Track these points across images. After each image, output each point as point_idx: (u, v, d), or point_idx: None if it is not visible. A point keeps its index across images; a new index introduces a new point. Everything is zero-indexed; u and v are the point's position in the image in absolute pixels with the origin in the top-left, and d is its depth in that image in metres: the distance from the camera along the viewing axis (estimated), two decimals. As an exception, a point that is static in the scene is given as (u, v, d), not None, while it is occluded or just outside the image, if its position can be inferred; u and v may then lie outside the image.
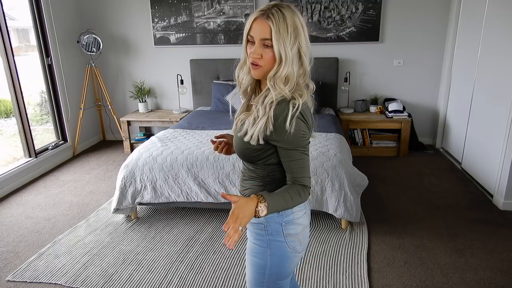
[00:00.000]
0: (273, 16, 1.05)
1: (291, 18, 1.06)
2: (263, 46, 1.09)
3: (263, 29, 1.07)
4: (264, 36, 1.07)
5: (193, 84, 4.59)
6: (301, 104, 1.09)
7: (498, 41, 3.08)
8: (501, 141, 2.95)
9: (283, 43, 1.06)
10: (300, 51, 1.10)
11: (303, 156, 1.13)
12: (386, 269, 2.30)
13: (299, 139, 1.11)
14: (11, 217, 3.06)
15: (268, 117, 1.09)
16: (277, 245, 1.21)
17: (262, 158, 1.18)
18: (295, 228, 1.22)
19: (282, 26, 1.05)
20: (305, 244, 1.28)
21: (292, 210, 1.21)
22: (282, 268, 1.23)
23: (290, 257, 1.23)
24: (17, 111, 3.72)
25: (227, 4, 4.34)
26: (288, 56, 1.07)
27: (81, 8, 4.60)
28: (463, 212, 2.95)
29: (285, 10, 1.06)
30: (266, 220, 1.20)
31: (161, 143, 3.04)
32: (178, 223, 2.90)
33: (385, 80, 4.41)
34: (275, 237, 1.21)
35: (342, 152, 2.80)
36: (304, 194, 1.14)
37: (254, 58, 1.10)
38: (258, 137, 1.11)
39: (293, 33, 1.06)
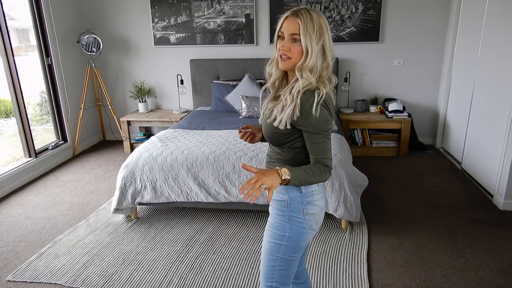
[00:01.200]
0: (301, 15, 1.23)
1: (317, 19, 1.24)
2: (291, 40, 1.25)
3: (292, 26, 1.24)
4: (293, 31, 1.24)
5: (193, 84, 4.59)
6: (324, 94, 1.25)
7: (498, 41, 3.08)
8: (501, 141, 2.95)
9: (310, 38, 1.22)
10: (324, 47, 1.26)
11: (325, 139, 1.28)
12: (386, 269, 2.30)
13: (322, 124, 1.25)
14: (11, 217, 3.06)
15: (295, 104, 1.25)
16: (296, 222, 1.34)
17: (288, 142, 1.33)
18: (314, 209, 1.36)
19: (309, 24, 1.22)
20: (319, 224, 1.41)
21: (313, 193, 1.35)
22: (297, 242, 1.35)
23: (306, 233, 1.36)
24: (17, 111, 3.72)
25: (227, 4, 4.34)
26: (314, 49, 1.23)
27: (81, 8, 4.60)
28: (463, 212, 2.95)
29: (312, 12, 1.25)
30: (289, 198, 1.34)
31: (161, 143, 3.04)
32: (178, 223, 2.90)
33: (385, 80, 4.41)
34: (296, 214, 1.34)
35: (342, 152, 2.80)
36: (326, 172, 1.27)
37: (284, 51, 1.26)
38: (286, 122, 1.26)
39: (319, 31, 1.24)
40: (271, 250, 1.37)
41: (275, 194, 1.39)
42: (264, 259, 1.40)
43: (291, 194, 1.34)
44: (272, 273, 1.39)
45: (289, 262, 1.38)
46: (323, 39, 1.25)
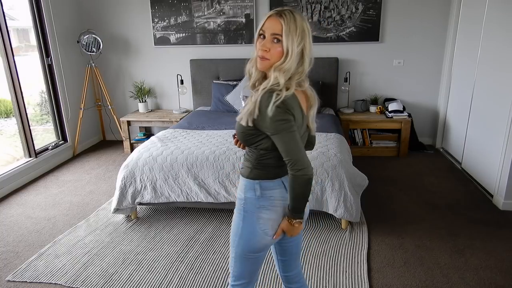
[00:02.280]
0: (285, 16, 1.20)
1: (301, 21, 1.22)
2: (272, 40, 1.22)
3: (275, 26, 1.21)
4: (275, 31, 1.21)
5: (193, 84, 4.59)
6: (283, 95, 1.20)
7: (498, 41, 3.08)
8: (501, 141, 2.95)
9: (292, 39, 1.20)
10: (304, 51, 1.23)
11: (287, 140, 1.22)
12: (386, 269, 2.30)
13: (281, 126, 1.21)
14: (11, 217, 3.06)
15: (255, 102, 1.22)
16: (249, 223, 1.34)
17: (255, 143, 1.30)
18: (270, 214, 1.33)
19: (292, 26, 1.20)
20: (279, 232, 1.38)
21: (270, 198, 1.33)
22: (250, 242, 1.36)
23: (258, 236, 1.34)
24: (17, 111, 3.72)
25: (227, 4, 4.34)
26: (294, 52, 1.21)
27: (81, 8, 4.60)
28: (463, 212, 2.95)
29: (296, 14, 1.22)
30: (245, 198, 1.35)
31: (161, 143, 3.04)
32: (178, 223, 2.90)
33: (385, 80, 4.41)
34: (249, 215, 1.34)
35: (342, 152, 2.80)
36: (296, 178, 1.22)
37: (263, 51, 1.23)
38: (247, 120, 1.24)
39: (301, 34, 1.21)
40: (231, 242, 1.42)
41: (238, 191, 1.41)
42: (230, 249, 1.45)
43: (248, 194, 1.35)
44: (232, 263, 1.43)
45: (244, 258, 1.39)
46: (303, 43, 1.22)
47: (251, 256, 1.38)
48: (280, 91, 1.21)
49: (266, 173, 1.32)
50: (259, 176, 1.33)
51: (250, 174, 1.34)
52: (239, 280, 1.44)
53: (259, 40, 1.25)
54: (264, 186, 1.33)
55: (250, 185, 1.34)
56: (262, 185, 1.32)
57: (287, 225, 1.32)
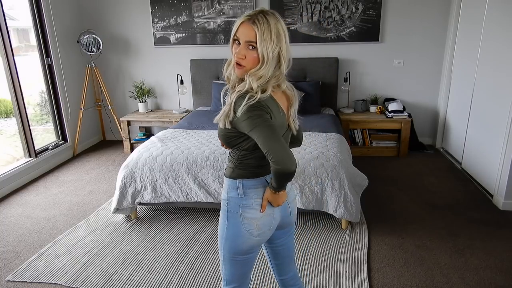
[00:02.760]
0: (258, 21, 1.17)
1: (275, 24, 1.19)
2: (247, 47, 1.21)
3: (248, 33, 1.19)
4: (249, 39, 1.19)
5: (193, 84, 4.59)
6: (258, 97, 1.19)
7: (498, 41, 3.08)
8: (501, 141, 2.95)
9: (266, 46, 1.18)
10: (280, 55, 1.22)
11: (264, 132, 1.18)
12: (386, 269, 2.30)
13: (256, 120, 1.19)
14: (11, 217, 3.06)
15: (230, 104, 1.22)
16: (234, 223, 1.33)
17: (237, 144, 1.30)
18: (253, 213, 1.32)
19: (266, 32, 1.17)
20: (264, 231, 1.36)
21: (254, 197, 1.32)
22: (235, 243, 1.34)
23: (244, 236, 1.33)
24: (17, 111, 3.72)
25: (227, 4, 4.34)
26: (270, 58, 1.19)
27: (81, 8, 4.60)
28: (463, 212, 2.95)
29: (269, 17, 1.19)
30: (228, 198, 1.35)
31: (161, 143, 3.04)
32: (178, 223, 2.90)
33: (385, 80, 4.41)
34: (233, 215, 1.34)
35: (342, 152, 2.80)
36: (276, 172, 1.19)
37: (238, 58, 1.22)
38: (224, 121, 1.25)
39: (276, 39, 1.19)
40: (219, 245, 1.41)
41: (222, 192, 1.41)
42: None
43: (231, 194, 1.34)
44: (222, 266, 1.42)
45: (232, 261, 1.38)
46: (280, 46, 1.20)
47: (239, 258, 1.37)
48: (255, 93, 1.20)
49: (248, 172, 1.33)
50: (241, 176, 1.33)
51: (233, 174, 1.34)
52: (230, 284, 1.43)
53: (234, 45, 1.24)
54: (247, 185, 1.32)
55: (233, 184, 1.34)
56: (245, 184, 1.32)
57: (271, 194, 1.30)
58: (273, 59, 1.20)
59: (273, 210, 1.36)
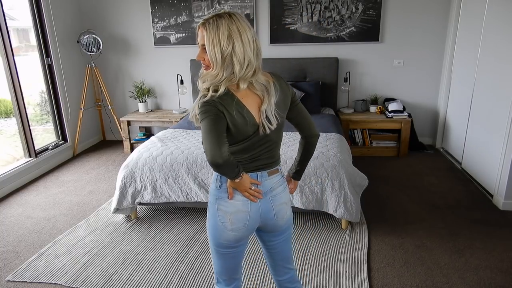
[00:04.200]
0: (208, 25, 1.20)
1: (227, 26, 1.18)
2: (203, 50, 1.25)
3: (201, 36, 1.23)
4: (202, 42, 1.23)
5: (193, 84, 4.59)
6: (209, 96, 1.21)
7: (498, 41, 3.08)
8: (501, 141, 2.95)
9: (214, 48, 1.19)
10: (233, 56, 1.20)
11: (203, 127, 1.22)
12: (386, 269, 2.30)
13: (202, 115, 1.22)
14: (11, 217, 3.06)
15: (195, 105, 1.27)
16: (212, 213, 1.40)
17: None
18: (227, 207, 1.36)
19: (215, 35, 1.18)
20: (239, 227, 1.36)
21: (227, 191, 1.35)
22: (213, 235, 1.40)
23: (219, 229, 1.38)
24: (17, 111, 3.72)
25: (227, 4, 4.34)
26: (218, 60, 1.20)
27: (81, 8, 4.60)
28: (463, 212, 2.95)
29: (222, 19, 1.19)
30: (211, 188, 1.42)
31: (161, 143, 3.04)
32: (178, 223, 2.90)
33: (385, 80, 4.41)
34: (211, 206, 1.41)
35: (342, 152, 2.80)
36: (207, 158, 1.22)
37: (200, 61, 1.27)
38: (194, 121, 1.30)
39: (226, 41, 1.18)
40: None
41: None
42: None
43: (212, 185, 1.41)
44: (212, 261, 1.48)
45: (218, 254, 1.42)
46: (231, 49, 1.19)
47: (222, 251, 1.41)
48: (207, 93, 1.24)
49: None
50: None
51: None
52: (220, 277, 1.49)
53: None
54: (224, 178, 1.35)
55: (215, 176, 1.40)
56: (222, 177, 1.35)
57: (230, 181, 1.32)
58: (223, 60, 1.20)
59: (249, 208, 1.36)
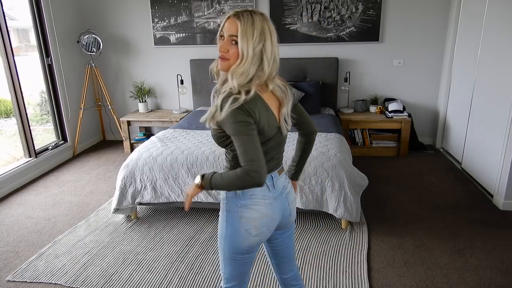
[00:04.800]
0: (243, 17, 1.19)
1: (260, 23, 1.19)
2: (231, 42, 1.21)
3: (232, 27, 1.20)
4: (232, 33, 1.20)
5: (193, 84, 4.59)
6: (243, 99, 1.17)
7: (498, 41, 3.08)
8: (501, 141, 2.95)
9: (247, 42, 1.18)
10: (263, 53, 1.20)
11: (245, 142, 1.18)
12: (386, 269, 2.30)
13: (240, 128, 1.18)
14: (11, 217, 3.06)
15: (216, 106, 1.21)
16: (232, 222, 1.34)
17: (227, 144, 1.29)
18: (251, 213, 1.32)
19: (249, 28, 1.18)
20: (263, 231, 1.35)
21: (252, 196, 1.31)
22: (234, 243, 1.35)
23: (242, 236, 1.33)
24: (17, 111, 3.72)
25: (227, 4, 4.34)
26: (249, 55, 1.18)
27: (81, 8, 4.60)
28: (463, 212, 2.95)
29: (256, 15, 1.20)
30: (226, 197, 1.35)
31: (161, 143, 3.04)
32: (178, 223, 2.90)
33: (385, 80, 4.41)
34: (231, 214, 1.34)
35: (342, 152, 2.80)
36: (245, 176, 1.17)
37: (222, 52, 1.22)
38: (210, 122, 1.23)
39: (259, 37, 1.19)
40: (218, 244, 1.42)
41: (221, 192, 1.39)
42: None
43: (229, 193, 1.34)
44: (222, 265, 1.43)
45: (232, 260, 1.38)
46: (262, 45, 1.19)
47: (239, 257, 1.38)
48: (238, 94, 1.18)
49: None
50: None
51: None
52: (230, 283, 1.44)
53: (220, 41, 1.25)
54: None
55: None
56: None
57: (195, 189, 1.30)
58: (254, 56, 1.18)
59: (272, 211, 1.35)
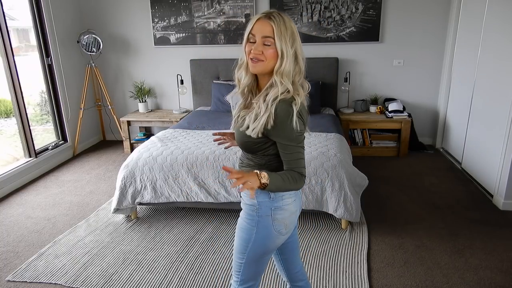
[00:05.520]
0: (274, 18, 1.20)
1: (289, 23, 1.22)
2: (264, 43, 1.20)
3: (265, 28, 1.20)
4: (267, 34, 1.20)
5: (193, 84, 4.59)
6: (299, 104, 1.22)
7: (498, 41, 3.08)
8: (501, 141, 2.95)
9: (284, 41, 1.19)
10: (297, 52, 1.24)
11: (300, 149, 1.26)
12: (386, 269, 2.30)
13: (297, 137, 1.23)
14: (11, 217, 3.06)
15: (269, 114, 1.20)
16: (264, 226, 1.34)
17: (262, 150, 1.30)
18: (283, 214, 1.34)
19: (283, 27, 1.19)
20: (290, 228, 1.39)
21: (283, 197, 1.33)
22: (264, 245, 1.36)
23: (273, 237, 1.35)
24: (17, 111, 3.72)
25: (227, 4, 4.34)
26: (289, 53, 1.20)
27: (81, 8, 4.60)
28: (463, 212, 2.95)
29: (284, 16, 1.22)
30: (258, 203, 1.33)
31: (161, 143, 3.04)
32: (178, 223, 2.90)
33: (385, 80, 4.41)
34: (264, 219, 1.33)
35: (342, 152, 2.80)
36: (300, 181, 1.25)
37: (256, 54, 1.21)
38: (259, 132, 1.23)
39: (291, 36, 1.21)
40: (239, 248, 1.39)
41: (246, 198, 1.38)
42: (234, 255, 1.43)
43: (260, 199, 1.33)
44: (240, 268, 1.42)
45: (256, 261, 1.39)
46: (295, 44, 1.22)
47: (266, 258, 1.39)
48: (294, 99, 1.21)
49: None
50: None
51: None
52: (247, 283, 1.43)
53: (248, 44, 1.23)
54: None
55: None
56: None
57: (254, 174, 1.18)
58: (293, 54, 1.21)
59: (296, 207, 1.39)
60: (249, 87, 1.32)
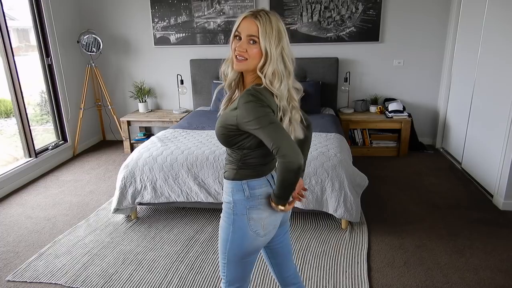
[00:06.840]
0: (260, 17, 1.20)
1: (276, 22, 1.21)
2: (249, 42, 1.21)
3: (250, 27, 1.20)
4: (251, 33, 1.20)
5: (193, 84, 4.59)
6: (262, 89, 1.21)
7: (498, 41, 3.08)
8: (501, 141, 2.95)
9: (269, 41, 1.19)
10: (283, 52, 1.22)
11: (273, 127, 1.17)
12: (386, 269, 2.30)
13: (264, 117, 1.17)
14: (11, 217, 3.06)
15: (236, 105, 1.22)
16: (239, 225, 1.32)
17: (236, 143, 1.28)
18: (260, 213, 1.32)
19: (268, 27, 1.19)
20: (269, 230, 1.36)
21: (259, 197, 1.32)
22: (241, 246, 1.34)
23: (250, 238, 1.33)
24: (17, 111, 3.72)
25: (227, 4, 4.34)
26: (273, 53, 1.20)
27: (81, 8, 4.60)
28: (463, 212, 2.95)
29: (271, 15, 1.21)
30: (234, 201, 1.32)
31: (161, 143, 3.04)
32: (178, 223, 2.90)
33: (385, 80, 4.41)
34: (239, 218, 1.32)
35: (342, 152, 2.80)
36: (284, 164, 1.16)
37: (240, 51, 1.22)
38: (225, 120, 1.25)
39: (277, 36, 1.20)
40: (220, 248, 1.39)
41: (224, 195, 1.38)
42: (219, 255, 1.42)
43: (236, 197, 1.32)
44: (224, 269, 1.41)
45: (237, 263, 1.37)
46: (282, 45, 1.21)
47: (246, 260, 1.37)
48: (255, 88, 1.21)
49: (252, 172, 1.31)
50: (246, 176, 1.31)
51: (237, 175, 1.32)
52: (233, 284, 1.42)
53: (235, 41, 1.24)
54: (252, 185, 1.31)
55: (238, 186, 1.32)
56: (250, 184, 1.31)
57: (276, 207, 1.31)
58: (277, 56, 1.20)
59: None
60: (235, 81, 1.33)
